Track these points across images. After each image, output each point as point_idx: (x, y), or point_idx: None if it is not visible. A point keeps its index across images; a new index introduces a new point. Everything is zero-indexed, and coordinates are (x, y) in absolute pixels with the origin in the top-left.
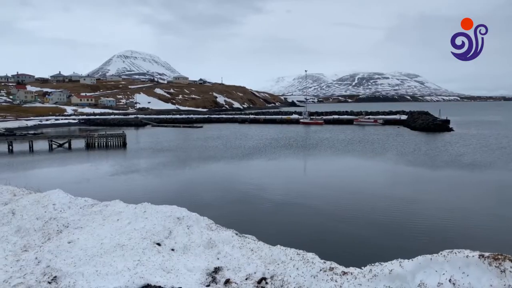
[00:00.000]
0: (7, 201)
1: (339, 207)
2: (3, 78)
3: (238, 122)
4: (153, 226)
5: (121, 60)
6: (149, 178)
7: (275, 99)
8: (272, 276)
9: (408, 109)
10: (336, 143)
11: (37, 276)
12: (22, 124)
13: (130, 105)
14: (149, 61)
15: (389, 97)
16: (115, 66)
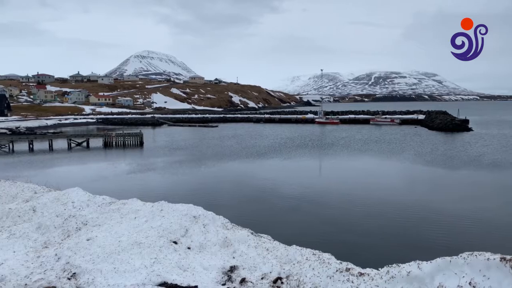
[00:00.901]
0: (28, 199)
1: (356, 207)
2: (24, 78)
3: (253, 122)
4: (170, 225)
5: (138, 60)
6: (165, 176)
7: (290, 98)
8: (287, 276)
9: (426, 108)
10: (352, 143)
11: (57, 272)
12: (42, 123)
13: (147, 105)
14: (166, 61)
15: (406, 96)
16: (132, 66)
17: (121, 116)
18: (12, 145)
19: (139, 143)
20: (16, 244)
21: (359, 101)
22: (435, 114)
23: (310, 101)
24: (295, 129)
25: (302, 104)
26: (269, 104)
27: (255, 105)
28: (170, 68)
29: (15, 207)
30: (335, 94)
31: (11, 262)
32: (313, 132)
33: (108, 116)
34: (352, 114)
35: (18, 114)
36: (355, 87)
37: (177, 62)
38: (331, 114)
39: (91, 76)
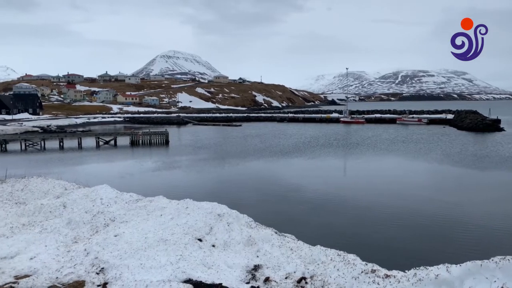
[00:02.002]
0: (59, 195)
1: (381, 208)
2: (55, 78)
3: (277, 121)
4: (195, 222)
5: (164, 60)
6: (190, 174)
7: (315, 97)
8: (312, 276)
9: (455, 108)
10: (378, 143)
11: (86, 267)
12: (72, 122)
13: (172, 104)
14: (191, 60)
15: (434, 95)
16: (159, 66)
17: (147, 115)
18: (44, 143)
19: (164, 142)
20: (48, 238)
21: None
22: (465, 113)
23: (335, 100)
24: (319, 129)
25: (326, 103)
26: (293, 103)
27: (279, 104)
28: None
29: (46, 202)
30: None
31: (43, 256)
32: (338, 131)
33: (135, 115)
34: (378, 114)
35: (50, 113)
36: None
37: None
38: (357, 113)
39: (118, 76)
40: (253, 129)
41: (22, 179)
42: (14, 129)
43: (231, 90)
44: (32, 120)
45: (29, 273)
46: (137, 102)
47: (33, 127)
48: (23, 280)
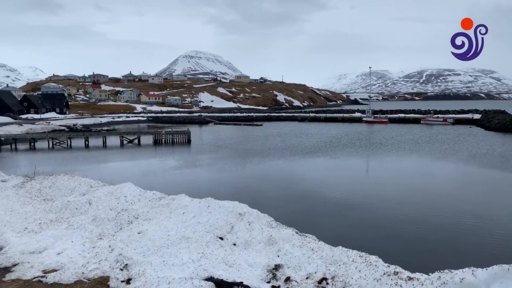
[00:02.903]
0: (85, 192)
1: (404, 210)
2: (81, 78)
3: (298, 121)
4: (216, 221)
5: (186, 60)
6: (211, 173)
7: (337, 97)
8: (333, 277)
9: (482, 107)
10: (402, 143)
11: (111, 263)
12: (97, 121)
13: (194, 104)
14: (213, 60)
15: (461, 95)
16: (181, 66)
17: (170, 115)
18: (70, 141)
19: (186, 141)
20: (74, 234)
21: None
22: (493, 113)
23: (358, 100)
24: (341, 128)
25: (349, 102)
26: (314, 102)
27: (300, 104)
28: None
29: (73, 199)
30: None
31: (70, 252)
32: (360, 131)
33: (158, 114)
34: (401, 113)
35: (76, 112)
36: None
37: (224, 62)
38: (380, 113)
39: (142, 76)
40: (274, 128)
41: (50, 177)
42: (42, 128)
43: (252, 90)
44: (59, 119)
45: (57, 268)
46: (160, 101)
47: (60, 126)
48: (51, 274)
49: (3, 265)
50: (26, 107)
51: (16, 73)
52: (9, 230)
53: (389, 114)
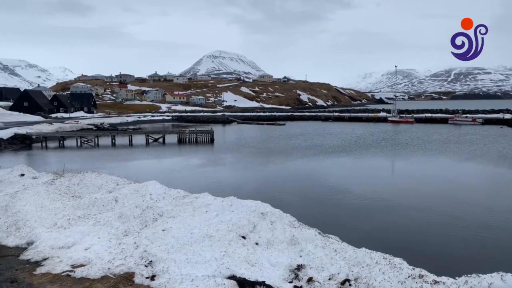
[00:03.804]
0: (111, 190)
1: (430, 212)
2: (108, 78)
3: (322, 120)
4: (239, 220)
5: (210, 60)
6: (234, 172)
7: (361, 96)
8: (356, 278)
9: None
10: (428, 143)
11: (136, 259)
12: (123, 120)
13: (217, 103)
14: (236, 60)
15: (491, 94)
16: (205, 66)
17: (194, 114)
18: (97, 140)
19: (210, 140)
20: (101, 231)
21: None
22: None
23: (383, 99)
24: (366, 128)
25: (374, 102)
26: (338, 102)
27: (324, 103)
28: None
29: (100, 197)
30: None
31: (96, 247)
32: (385, 131)
33: (182, 114)
34: (428, 113)
35: (103, 111)
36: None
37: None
38: (406, 112)
39: (167, 76)
40: (297, 128)
41: (78, 174)
42: (71, 127)
43: (275, 89)
44: (87, 118)
45: (84, 263)
46: (184, 101)
47: (87, 124)
48: (78, 269)
49: (34, 259)
50: (56, 106)
51: (47, 73)
52: (39, 225)
53: (415, 113)
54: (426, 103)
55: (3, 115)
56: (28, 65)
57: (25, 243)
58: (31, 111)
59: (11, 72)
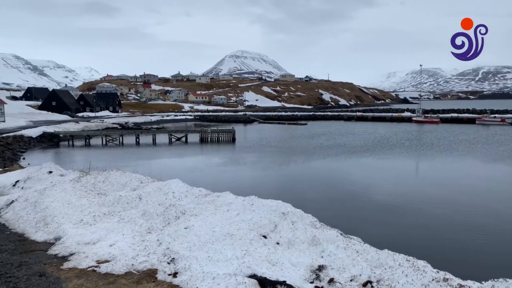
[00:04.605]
0: (135, 187)
1: (456, 214)
2: (133, 78)
3: (344, 120)
4: (260, 219)
5: (232, 60)
6: (255, 172)
7: (385, 95)
8: (378, 280)
9: None
10: (454, 144)
11: (158, 256)
12: (147, 119)
13: (239, 103)
14: (258, 60)
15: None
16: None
17: (215, 114)
18: (122, 139)
19: (231, 139)
20: (125, 228)
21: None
22: None
23: (407, 99)
24: (390, 128)
25: (398, 101)
26: (361, 101)
27: (346, 103)
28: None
29: (124, 194)
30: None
31: (121, 244)
32: (410, 131)
33: (204, 113)
34: (454, 113)
35: (127, 110)
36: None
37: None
38: (431, 112)
39: (190, 76)
40: (319, 127)
41: (104, 172)
42: (97, 126)
43: (297, 89)
44: (112, 117)
45: (109, 259)
46: (206, 101)
47: (112, 123)
48: (103, 265)
49: (61, 254)
50: (82, 105)
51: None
52: (66, 221)
53: (441, 113)
54: (452, 103)
55: (32, 114)
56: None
57: (53, 239)
58: (59, 110)
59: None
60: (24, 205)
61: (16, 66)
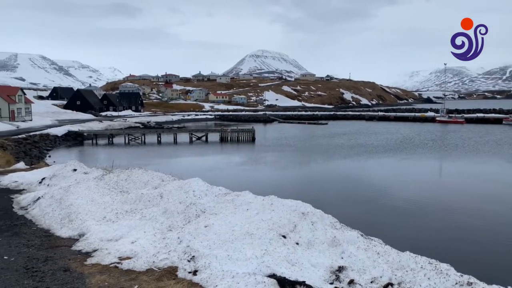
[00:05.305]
0: (157, 186)
1: (480, 217)
2: (155, 78)
3: (366, 120)
4: (279, 219)
5: (252, 59)
6: (274, 171)
7: (408, 95)
8: (399, 282)
9: None
10: (480, 145)
11: (179, 254)
12: (169, 118)
13: (259, 102)
14: (278, 59)
15: None
16: (247, 65)
17: (235, 113)
18: (144, 137)
19: (251, 139)
20: (146, 225)
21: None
22: None
23: (431, 98)
24: (412, 128)
25: (421, 101)
26: (383, 101)
27: (368, 102)
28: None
29: (146, 192)
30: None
31: (142, 241)
32: (433, 131)
33: (224, 113)
34: (480, 113)
35: (149, 110)
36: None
37: (289, 60)
38: (455, 112)
39: (210, 76)
40: (340, 127)
41: (126, 170)
42: (120, 125)
43: (318, 88)
44: (134, 116)
45: (131, 256)
46: (226, 100)
47: (135, 123)
48: (125, 261)
49: (85, 250)
50: (106, 105)
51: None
52: (90, 218)
53: (466, 113)
54: (478, 103)
55: (58, 113)
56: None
57: (77, 235)
58: (83, 109)
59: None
60: (50, 201)
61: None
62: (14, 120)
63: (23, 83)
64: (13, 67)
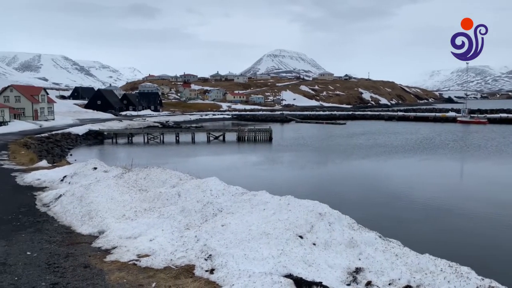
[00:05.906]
0: (175, 184)
1: (502, 220)
2: (173, 78)
3: (385, 119)
4: (296, 219)
5: (270, 59)
6: (291, 171)
7: (428, 94)
8: (418, 285)
9: None
10: (504, 146)
11: (196, 252)
12: (187, 118)
13: (276, 102)
14: (296, 59)
15: None
16: (265, 65)
17: (253, 113)
18: (163, 137)
19: (268, 139)
20: (164, 223)
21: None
22: None
23: (452, 98)
24: (433, 128)
25: (442, 101)
26: (403, 100)
27: (387, 102)
28: (300, 66)
29: (164, 191)
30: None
31: (160, 239)
32: (454, 131)
33: (241, 112)
34: (504, 113)
35: (168, 109)
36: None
37: (307, 60)
38: (477, 112)
39: (228, 76)
40: (358, 127)
41: (145, 169)
42: (139, 124)
43: (336, 88)
44: (153, 116)
45: (149, 253)
46: (244, 100)
47: (154, 122)
48: (144, 259)
49: (104, 247)
50: (125, 104)
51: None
52: (109, 216)
53: (489, 113)
54: (501, 102)
55: (79, 112)
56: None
57: (97, 232)
58: (103, 109)
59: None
60: (71, 199)
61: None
62: (37, 119)
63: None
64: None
